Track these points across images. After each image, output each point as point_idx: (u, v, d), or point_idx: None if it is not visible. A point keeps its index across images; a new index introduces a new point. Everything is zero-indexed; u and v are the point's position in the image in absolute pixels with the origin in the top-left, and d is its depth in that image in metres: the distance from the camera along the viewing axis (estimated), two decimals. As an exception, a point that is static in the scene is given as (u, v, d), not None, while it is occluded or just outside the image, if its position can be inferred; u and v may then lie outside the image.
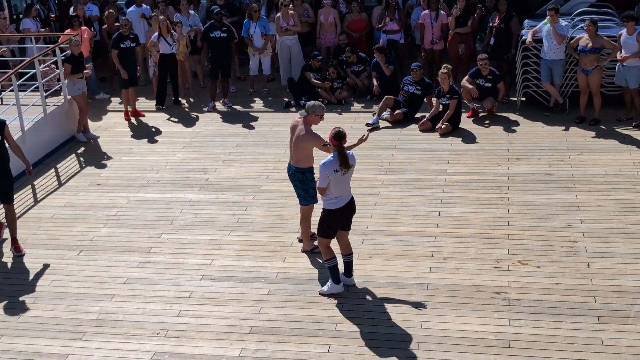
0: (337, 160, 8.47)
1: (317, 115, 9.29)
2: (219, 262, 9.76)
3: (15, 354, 8.08)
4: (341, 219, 8.73)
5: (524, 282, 8.89)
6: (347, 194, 8.68)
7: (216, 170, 12.65)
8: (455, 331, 8.03)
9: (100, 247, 10.33)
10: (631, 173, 11.66)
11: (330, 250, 8.78)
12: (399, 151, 13.04)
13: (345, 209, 8.69)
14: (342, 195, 8.62)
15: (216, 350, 7.97)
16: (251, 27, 16.14)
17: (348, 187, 8.69)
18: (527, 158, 12.42)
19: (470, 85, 14.21)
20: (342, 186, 8.60)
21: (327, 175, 8.44)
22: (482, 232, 10.11)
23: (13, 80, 13.03)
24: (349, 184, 8.69)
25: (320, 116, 9.34)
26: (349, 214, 8.78)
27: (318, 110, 9.28)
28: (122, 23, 15.36)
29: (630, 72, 13.28)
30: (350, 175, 8.66)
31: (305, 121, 9.33)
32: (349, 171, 8.57)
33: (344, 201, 8.65)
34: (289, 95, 16.13)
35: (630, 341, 7.72)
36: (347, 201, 8.68)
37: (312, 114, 9.29)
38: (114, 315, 8.70)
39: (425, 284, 8.96)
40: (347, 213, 8.76)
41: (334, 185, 8.52)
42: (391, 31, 16.31)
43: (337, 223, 8.73)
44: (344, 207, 8.66)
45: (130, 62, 15.17)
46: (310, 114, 9.29)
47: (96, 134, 14.46)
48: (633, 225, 10.07)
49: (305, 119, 9.34)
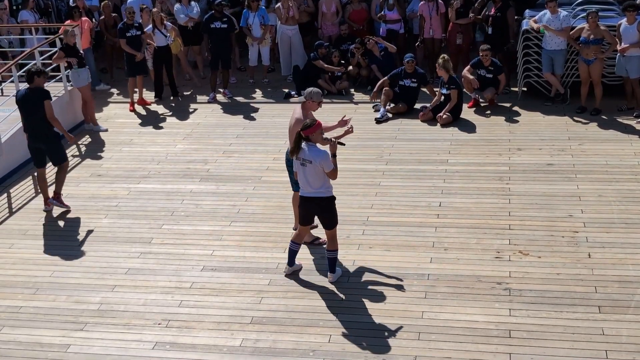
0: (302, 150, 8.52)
1: (314, 101, 9.24)
2: (219, 252, 9.77)
3: (16, 344, 8.10)
4: (304, 208, 8.77)
5: (524, 272, 8.89)
6: (306, 187, 8.61)
7: (217, 161, 12.65)
8: (456, 321, 8.04)
9: (102, 237, 10.34)
10: (632, 163, 11.65)
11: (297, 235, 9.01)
12: (399, 141, 13.03)
13: (306, 200, 8.70)
14: (303, 186, 8.65)
15: (217, 341, 7.98)
16: (250, 17, 16.11)
17: (308, 182, 8.57)
18: (528, 148, 12.41)
19: (471, 76, 14.19)
20: (302, 177, 8.60)
21: (295, 162, 8.65)
22: (483, 222, 10.11)
23: (13, 72, 13.02)
24: (311, 178, 8.54)
25: (318, 102, 9.28)
26: (310, 209, 8.74)
27: (315, 97, 9.23)
28: (127, 11, 15.35)
29: (630, 63, 13.25)
30: (312, 171, 8.49)
31: (303, 107, 9.31)
32: (307, 165, 8.49)
33: (306, 193, 8.66)
34: (289, 85, 16.11)
35: (631, 331, 7.73)
36: (309, 195, 8.65)
37: (309, 100, 9.25)
38: (116, 306, 8.71)
39: (426, 274, 8.97)
40: (309, 206, 8.72)
41: (298, 173, 8.65)
42: (391, 21, 16.29)
43: (301, 210, 8.82)
44: (306, 198, 8.69)
45: (137, 50, 15.16)
46: (308, 100, 9.26)
47: (103, 127, 14.40)
48: (634, 215, 10.07)
49: (302, 105, 9.33)
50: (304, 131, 8.48)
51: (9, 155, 12.46)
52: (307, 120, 8.61)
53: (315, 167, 8.46)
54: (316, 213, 8.80)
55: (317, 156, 8.44)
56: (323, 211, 8.73)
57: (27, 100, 10.93)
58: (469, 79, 14.20)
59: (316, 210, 8.75)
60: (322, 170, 8.47)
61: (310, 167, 8.48)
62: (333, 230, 8.80)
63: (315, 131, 8.50)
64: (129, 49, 15.09)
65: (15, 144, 12.56)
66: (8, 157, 12.42)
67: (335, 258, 8.93)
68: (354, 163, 11.97)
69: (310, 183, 8.58)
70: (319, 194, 8.61)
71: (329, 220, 8.76)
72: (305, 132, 8.47)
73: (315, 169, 8.47)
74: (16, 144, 12.58)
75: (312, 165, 8.47)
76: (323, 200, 8.64)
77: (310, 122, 8.56)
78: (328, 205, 8.69)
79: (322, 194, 8.62)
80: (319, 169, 8.46)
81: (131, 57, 15.14)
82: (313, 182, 8.57)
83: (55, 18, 18.24)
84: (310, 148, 8.49)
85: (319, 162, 8.42)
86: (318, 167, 8.44)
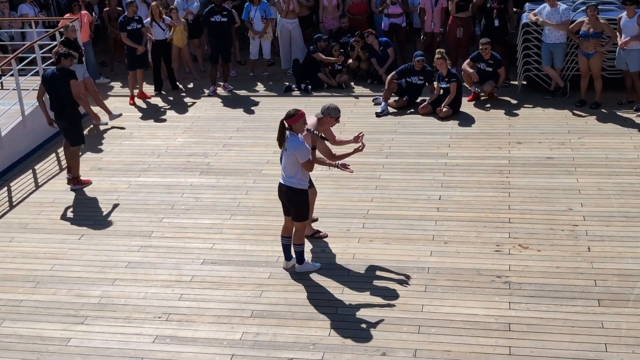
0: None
1: (332, 117, 9.17)
2: (220, 246, 9.79)
3: (17, 338, 8.12)
4: (279, 195, 8.85)
5: (524, 265, 8.91)
6: (284, 174, 8.71)
7: (217, 155, 12.65)
8: (455, 315, 8.06)
9: (102, 231, 10.35)
10: (632, 156, 11.66)
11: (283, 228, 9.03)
12: (399, 135, 13.03)
13: (279, 187, 8.81)
14: (281, 170, 8.76)
15: (217, 334, 8.00)
16: (252, 10, 16.11)
17: (284, 169, 8.71)
18: (527, 141, 12.41)
19: (471, 70, 14.18)
20: (282, 164, 8.75)
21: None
22: (482, 215, 10.12)
23: (13, 65, 13.01)
24: (287, 166, 8.64)
25: (336, 118, 9.21)
26: (281, 196, 8.83)
27: (333, 113, 9.15)
28: (128, 5, 15.30)
29: (630, 56, 13.25)
30: (288, 159, 8.58)
31: (320, 122, 9.19)
32: (284, 152, 8.61)
33: (281, 180, 8.76)
34: (289, 79, 16.11)
35: (630, 324, 7.74)
36: (281, 182, 8.76)
37: (327, 117, 9.18)
38: (116, 299, 8.73)
39: (426, 267, 8.98)
40: (280, 193, 8.83)
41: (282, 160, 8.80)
42: (394, 14, 16.26)
43: (279, 197, 8.89)
44: (279, 185, 8.80)
45: (138, 44, 15.14)
46: (326, 117, 9.19)
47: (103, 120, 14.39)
48: (633, 209, 10.07)
49: (319, 120, 9.20)
50: (287, 120, 8.50)
51: (9, 148, 12.47)
52: (291, 110, 8.60)
53: (290, 156, 8.54)
54: (285, 202, 8.83)
55: (293, 146, 8.49)
56: (289, 202, 8.77)
57: (53, 79, 11.50)
58: (468, 73, 14.20)
59: (284, 198, 8.80)
60: (297, 161, 8.51)
61: (287, 155, 8.59)
62: (300, 223, 8.82)
63: (298, 121, 8.51)
64: (130, 42, 15.07)
65: (15, 138, 12.58)
66: (8, 150, 12.43)
67: (301, 252, 8.96)
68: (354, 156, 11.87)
69: (284, 170, 8.70)
70: (290, 183, 8.66)
71: (295, 213, 8.78)
72: (289, 122, 8.50)
73: (290, 158, 8.56)
74: (16, 137, 12.60)
75: (287, 154, 8.57)
76: (291, 190, 8.67)
77: (294, 111, 8.56)
78: (295, 198, 8.71)
79: (291, 184, 8.66)
80: (294, 159, 8.52)
81: (132, 50, 15.12)
82: (286, 170, 8.67)
83: (55, 11, 18.21)
84: (290, 137, 8.53)
85: (293, 151, 8.48)
86: (292, 156, 8.51)
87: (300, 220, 8.81)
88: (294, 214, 8.78)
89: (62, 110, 11.50)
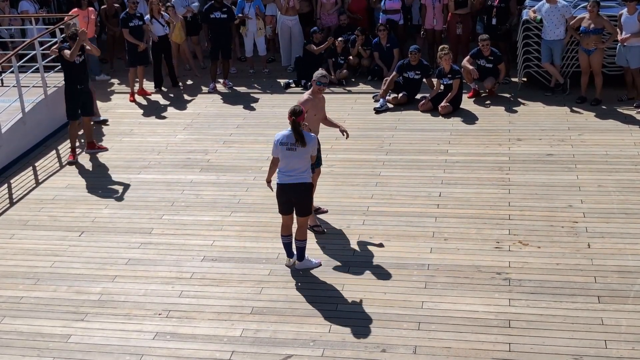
0: (290, 136, 8.60)
1: (313, 80, 9.53)
2: (220, 243, 9.79)
3: (17, 334, 8.12)
4: (286, 196, 8.78)
5: (524, 262, 8.91)
6: (295, 173, 8.67)
7: (217, 151, 12.65)
8: (455, 311, 8.06)
9: (102, 228, 10.35)
10: (632, 153, 11.65)
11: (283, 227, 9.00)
12: (399, 132, 13.03)
13: (290, 188, 8.72)
14: (289, 170, 8.68)
15: (217, 331, 8.00)
16: (245, 6, 16.05)
17: (297, 167, 8.67)
18: (528, 138, 12.41)
19: (471, 66, 14.18)
20: (289, 162, 8.67)
21: (276, 147, 8.71)
22: (482, 212, 10.12)
23: (13, 62, 13.00)
24: (300, 163, 8.66)
25: (323, 84, 9.50)
26: (293, 197, 8.76)
27: (318, 78, 9.48)
28: (130, 1, 15.29)
29: (631, 52, 13.24)
30: (303, 155, 8.62)
31: (312, 91, 9.58)
32: (299, 149, 8.58)
33: (289, 180, 8.68)
34: (289, 76, 16.10)
35: (630, 321, 7.75)
36: (293, 182, 8.69)
37: (314, 83, 9.53)
38: (116, 296, 8.73)
39: (426, 264, 8.99)
40: (291, 195, 8.75)
41: (282, 159, 8.69)
42: (391, 11, 16.24)
43: (281, 199, 8.83)
44: (289, 185, 8.71)
45: (139, 40, 15.12)
46: (313, 83, 9.55)
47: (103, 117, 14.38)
48: (633, 206, 10.08)
49: (312, 90, 9.60)
50: (298, 118, 8.58)
51: (9, 145, 12.46)
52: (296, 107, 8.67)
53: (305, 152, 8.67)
54: (295, 200, 8.80)
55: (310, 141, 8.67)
56: (302, 198, 8.80)
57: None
58: (468, 69, 14.20)
59: (296, 196, 8.77)
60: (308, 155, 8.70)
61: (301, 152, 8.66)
62: (304, 218, 8.91)
63: (305, 117, 8.70)
64: (132, 38, 15.06)
65: (15, 135, 12.58)
66: (8, 147, 12.43)
67: (303, 248, 9.01)
68: (354, 153, 11.98)
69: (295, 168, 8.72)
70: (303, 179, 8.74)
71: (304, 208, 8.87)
72: (299, 119, 8.59)
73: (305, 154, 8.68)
74: (16, 134, 12.60)
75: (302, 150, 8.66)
76: (305, 186, 8.78)
77: (299, 108, 8.65)
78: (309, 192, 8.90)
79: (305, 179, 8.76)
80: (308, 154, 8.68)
81: (133, 47, 15.11)
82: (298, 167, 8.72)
83: (55, 8, 18.20)
84: (305, 134, 8.65)
85: (312, 146, 8.69)
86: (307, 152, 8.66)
87: (307, 215, 8.88)
88: (303, 209, 8.81)
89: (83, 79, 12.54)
